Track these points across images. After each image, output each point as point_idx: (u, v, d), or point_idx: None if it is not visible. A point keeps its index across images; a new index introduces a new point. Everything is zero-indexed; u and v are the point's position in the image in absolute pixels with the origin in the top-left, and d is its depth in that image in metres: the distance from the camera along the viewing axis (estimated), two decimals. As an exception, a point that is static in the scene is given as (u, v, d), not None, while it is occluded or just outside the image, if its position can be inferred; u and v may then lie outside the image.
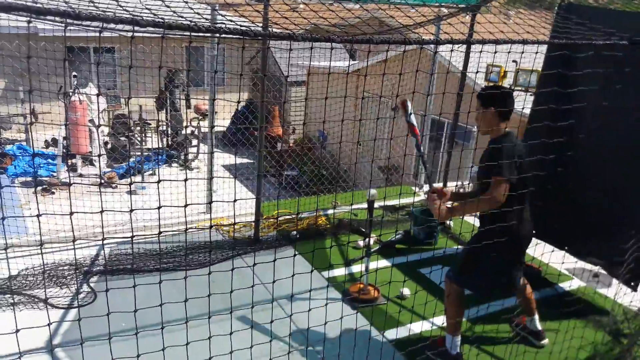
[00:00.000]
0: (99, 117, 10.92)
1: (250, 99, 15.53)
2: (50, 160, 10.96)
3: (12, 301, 4.06)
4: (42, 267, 4.57)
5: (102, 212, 1.93)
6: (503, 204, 3.07)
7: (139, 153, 11.83)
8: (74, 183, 9.93)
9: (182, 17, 2.53)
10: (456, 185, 7.06)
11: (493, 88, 3.56)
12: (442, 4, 5.91)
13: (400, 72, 2.64)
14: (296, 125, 13.76)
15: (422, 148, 3.64)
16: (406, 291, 4.48)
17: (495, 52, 3.15)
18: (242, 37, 2.01)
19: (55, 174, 10.25)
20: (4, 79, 12.51)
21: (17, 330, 1.97)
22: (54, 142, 11.57)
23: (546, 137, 3.64)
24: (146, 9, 2.59)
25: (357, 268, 4.97)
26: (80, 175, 10.63)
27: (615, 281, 4.47)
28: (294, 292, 2.81)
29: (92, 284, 4.42)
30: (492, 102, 3.27)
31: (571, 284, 4.86)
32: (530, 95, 5.57)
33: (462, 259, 3.59)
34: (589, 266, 4.74)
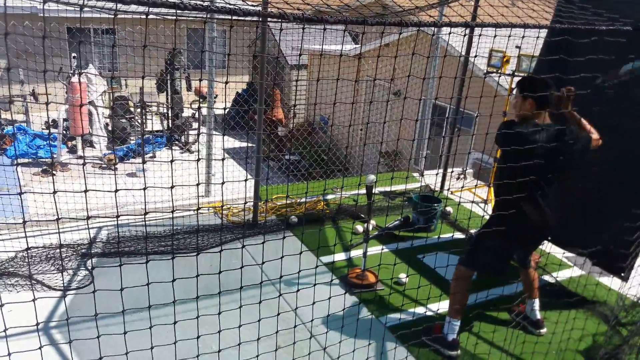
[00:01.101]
0: (103, 99, 10.85)
1: (251, 82, 15.42)
2: (50, 142, 10.93)
3: (9, 282, 4.06)
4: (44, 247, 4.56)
5: (86, 191, 1.89)
6: (517, 186, 3.06)
7: (139, 135, 11.80)
8: (85, 162, 9.92)
9: None
10: (459, 173, 7.03)
11: (532, 78, 3.55)
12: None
13: (396, 55, 2.58)
14: (297, 109, 13.68)
15: None
16: (404, 277, 4.47)
17: (495, 36, 3.11)
18: (231, 16, 1.96)
19: (55, 155, 10.22)
20: (3, 59, 12.42)
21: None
22: (54, 123, 11.53)
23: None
24: None
25: (355, 253, 4.95)
26: (80, 157, 10.61)
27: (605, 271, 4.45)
28: (293, 277, 2.80)
29: (89, 267, 4.41)
30: (531, 90, 3.26)
31: (569, 273, 4.85)
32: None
33: (474, 241, 3.59)
34: (577, 255, 4.73)
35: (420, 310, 4.09)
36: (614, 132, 3.57)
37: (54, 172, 10.14)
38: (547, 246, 5.00)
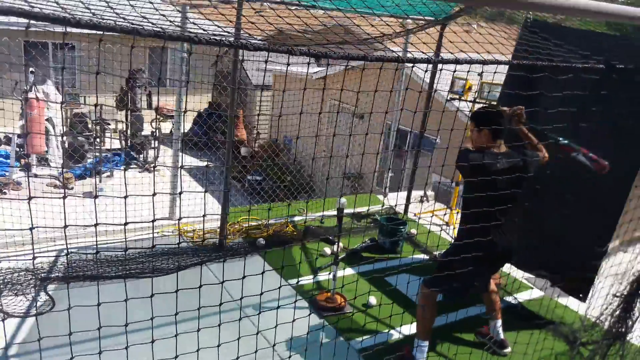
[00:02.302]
0: (64, 118, 10.57)
1: (215, 101, 15.35)
2: (2, 159, 10.54)
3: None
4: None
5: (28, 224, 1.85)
6: (479, 212, 3.15)
7: (97, 154, 11.51)
8: (40, 179, 9.57)
9: (148, 19, 2.47)
10: (421, 196, 7.17)
11: (485, 110, 3.70)
12: (409, 16, 5.99)
13: (359, 89, 2.66)
14: (261, 129, 13.69)
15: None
16: (373, 300, 4.50)
17: (455, 70, 3.25)
18: (218, 45, 1.98)
19: (8, 174, 9.85)
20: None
21: None
22: (8, 140, 11.12)
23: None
24: (114, 11, 2.51)
25: (323, 276, 4.96)
26: (35, 175, 10.25)
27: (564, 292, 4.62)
28: (260, 300, 2.79)
29: (50, 292, 4.25)
30: (486, 123, 3.40)
31: (530, 294, 5.00)
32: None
33: (438, 264, 3.67)
34: (538, 277, 4.89)
35: (390, 332, 4.13)
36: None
37: (5, 191, 9.76)
38: (508, 267, 5.15)
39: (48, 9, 2.09)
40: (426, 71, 6.40)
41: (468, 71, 3.27)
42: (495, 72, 3.67)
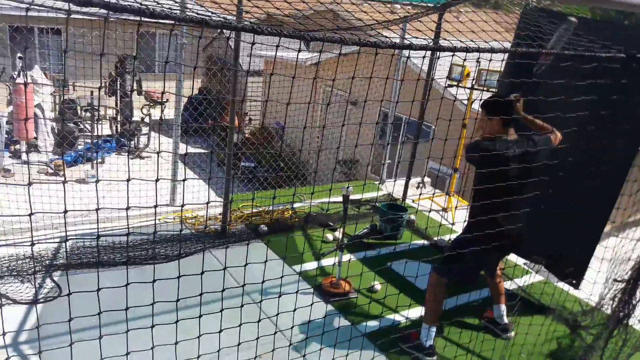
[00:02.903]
0: (54, 104, 10.42)
1: (205, 86, 15.23)
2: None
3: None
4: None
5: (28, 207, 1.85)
6: (493, 201, 3.19)
7: (88, 140, 11.39)
8: (30, 166, 9.44)
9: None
10: (418, 182, 7.23)
11: (495, 99, 3.71)
12: (407, 3, 6.01)
13: (355, 67, 2.66)
14: (253, 115, 13.62)
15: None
16: (377, 285, 4.56)
17: (453, 55, 3.27)
18: (217, 26, 1.93)
19: (-3, 160, 9.70)
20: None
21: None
22: (-4, 126, 10.93)
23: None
24: None
25: (327, 262, 5.01)
26: (25, 162, 10.11)
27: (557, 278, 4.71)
28: (266, 286, 2.82)
29: (55, 278, 4.24)
30: (497, 112, 3.44)
31: (531, 278, 5.09)
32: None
33: (448, 250, 3.72)
34: (534, 263, 4.98)
35: (395, 317, 4.19)
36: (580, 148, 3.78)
37: (-4, 177, 9.62)
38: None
39: None
40: (424, 57, 6.41)
41: (464, 59, 3.31)
42: (490, 60, 3.71)
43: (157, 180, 2.04)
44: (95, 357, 2.35)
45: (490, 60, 3.40)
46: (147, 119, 12.63)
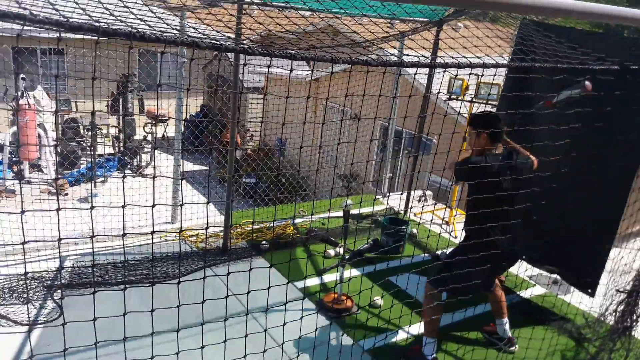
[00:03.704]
0: (58, 124, 10.49)
1: (206, 104, 15.32)
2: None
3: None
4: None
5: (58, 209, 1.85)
6: (484, 213, 3.19)
7: (90, 159, 11.44)
8: (33, 185, 9.47)
9: (149, 24, 2.47)
10: (419, 196, 7.23)
11: (483, 114, 3.79)
12: (398, 18, 6.05)
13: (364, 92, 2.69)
14: (254, 132, 13.68)
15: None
16: (379, 300, 4.54)
17: (457, 73, 3.30)
18: (219, 50, 1.95)
19: (0, 181, 9.75)
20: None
21: None
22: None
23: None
24: (112, 15, 2.49)
25: (329, 277, 4.99)
26: (28, 182, 10.16)
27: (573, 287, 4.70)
28: (267, 303, 2.81)
29: (56, 299, 4.23)
30: (484, 126, 3.50)
31: (533, 291, 5.07)
32: (492, 107, 5.78)
33: (443, 264, 3.72)
34: (548, 273, 4.97)
35: (397, 332, 4.17)
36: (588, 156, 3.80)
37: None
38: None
39: (43, 12, 2.07)
40: (423, 74, 6.45)
41: (470, 73, 3.34)
42: (495, 75, 3.75)
43: (153, 205, 2.03)
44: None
45: (495, 75, 3.44)
46: (149, 137, 12.70)
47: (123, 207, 1.86)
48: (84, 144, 12.02)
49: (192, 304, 2.34)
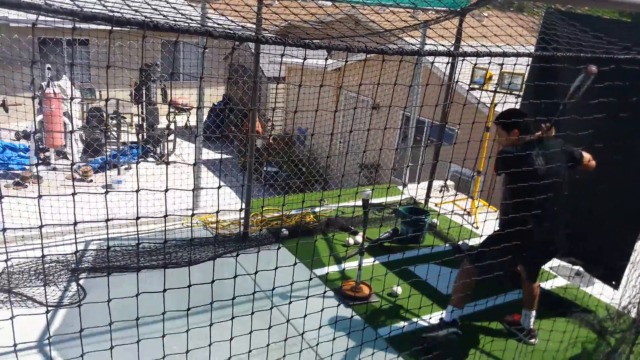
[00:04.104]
0: (82, 112, 10.68)
1: (228, 93, 15.41)
2: (22, 153, 10.67)
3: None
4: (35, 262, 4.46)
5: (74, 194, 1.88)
6: (525, 201, 3.18)
7: (115, 147, 11.62)
8: (61, 171, 9.68)
9: (167, 15, 2.48)
10: (441, 186, 7.19)
11: (507, 111, 3.78)
12: (426, 8, 5.98)
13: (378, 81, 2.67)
14: (275, 121, 13.73)
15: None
16: (398, 289, 4.54)
17: (475, 64, 3.27)
18: (234, 39, 1.93)
19: (28, 167, 9.98)
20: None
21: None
22: (26, 134, 11.25)
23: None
24: (126, 5, 2.50)
25: (348, 265, 5.01)
26: (54, 169, 10.37)
27: (597, 279, 4.64)
28: (286, 290, 2.83)
29: (80, 282, 4.33)
30: (513, 125, 3.58)
31: (554, 283, 5.01)
32: (515, 98, 5.70)
33: (483, 244, 3.70)
34: (571, 265, 4.90)
35: (415, 321, 4.17)
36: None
37: (26, 184, 9.90)
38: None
39: (58, 2, 2.10)
40: (448, 63, 6.39)
41: (489, 62, 3.30)
42: (514, 64, 3.72)
43: (166, 190, 2.06)
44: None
45: (516, 64, 3.41)
46: (172, 126, 12.84)
47: (137, 191, 1.90)
48: (108, 132, 12.21)
49: (201, 285, 2.38)
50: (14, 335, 1.95)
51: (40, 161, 10.75)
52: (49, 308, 3.94)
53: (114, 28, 1.61)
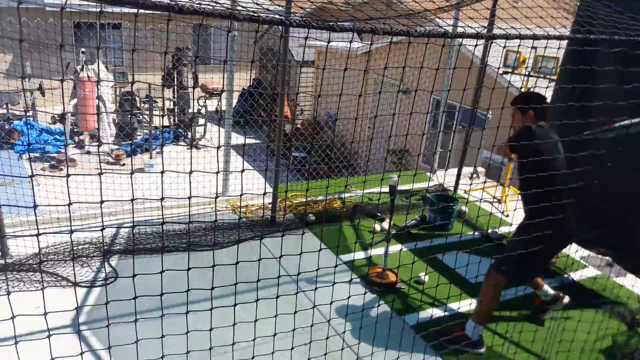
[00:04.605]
0: (115, 96, 10.86)
1: (258, 78, 15.44)
2: (57, 137, 10.94)
3: (36, 279, 4.09)
4: (70, 245, 4.59)
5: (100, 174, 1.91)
6: (546, 195, 3.10)
7: (147, 131, 11.81)
8: (97, 154, 9.92)
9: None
10: (471, 172, 7.08)
11: (526, 94, 3.68)
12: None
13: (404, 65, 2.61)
14: (304, 105, 13.71)
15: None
16: (425, 277, 4.52)
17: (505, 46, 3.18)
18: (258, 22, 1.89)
19: (63, 150, 10.24)
20: (11, 53, 12.36)
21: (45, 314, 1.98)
22: (61, 118, 11.52)
23: (560, 131, 3.66)
24: None
25: (374, 252, 5.00)
26: (88, 153, 10.62)
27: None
28: (313, 275, 2.84)
29: (112, 263, 4.45)
30: (529, 108, 3.45)
31: (583, 273, 4.91)
32: (549, 82, 5.54)
33: (507, 250, 3.57)
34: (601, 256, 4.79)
35: (441, 309, 4.14)
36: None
37: (61, 167, 10.15)
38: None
39: None
40: (476, 45, 6.24)
41: (519, 45, 3.20)
42: (546, 47, 3.59)
43: (190, 172, 2.08)
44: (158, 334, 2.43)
45: (546, 47, 3.29)
46: (202, 110, 12.97)
47: (162, 172, 1.93)
48: (141, 116, 12.40)
49: (229, 267, 2.40)
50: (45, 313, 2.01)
51: (74, 144, 11.01)
52: (80, 287, 4.06)
53: (139, 11, 1.62)
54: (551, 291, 3.98)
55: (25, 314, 1.97)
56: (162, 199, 1.98)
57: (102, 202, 1.80)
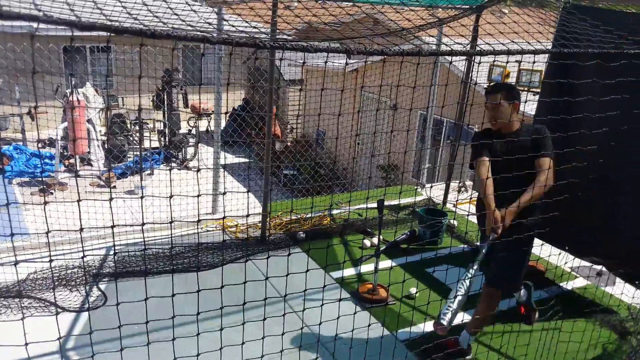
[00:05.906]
0: (108, 119, 10.86)
1: (247, 98, 15.52)
2: (47, 161, 10.90)
3: (21, 305, 4.05)
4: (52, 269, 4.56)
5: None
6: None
7: (137, 153, 11.80)
8: (84, 177, 9.88)
9: (185, 21, 2.50)
10: (459, 185, 7.13)
11: (507, 84, 3.66)
12: (439, 6, 5.92)
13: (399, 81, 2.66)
14: (294, 124, 13.78)
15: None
16: (414, 291, 4.52)
17: (494, 61, 3.22)
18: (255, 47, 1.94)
19: (53, 175, 10.19)
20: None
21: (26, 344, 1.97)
22: (51, 142, 11.51)
23: None
24: (154, 15, 2.52)
25: (364, 268, 5.00)
26: (79, 175, 10.58)
27: (619, 279, 4.55)
28: (302, 293, 2.84)
29: (101, 286, 4.42)
30: (513, 96, 3.33)
31: (574, 283, 4.93)
32: (533, 95, 5.63)
33: (498, 264, 3.50)
34: (594, 264, 4.81)
35: (430, 324, 4.13)
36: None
37: (51, 191, 10.10)
38: (548, 255, 5.07)
39: (88, 15, 2.13)
40: (453, 62, 6.33)
41: (507, 61, 3.25)
42: (534, 62, 3.65)
43: (171, 196, 2.09)
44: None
45: (534, 62, 3.33)
46: (193, 131, 12.97)
47: (142, 198, 1.94)
48: (131, 138, 12.40)
49: (216, 289, 2.40)
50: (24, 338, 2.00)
51: (65, 168, 10.97)
52: (67, 311, 4.02)
53: (111, 36, 1.63)
54: (525, 294, 4.02)
55: (4, 345, 1.95)
56: (143, 224, 1.99)
57: (81, 229, 1.81)
